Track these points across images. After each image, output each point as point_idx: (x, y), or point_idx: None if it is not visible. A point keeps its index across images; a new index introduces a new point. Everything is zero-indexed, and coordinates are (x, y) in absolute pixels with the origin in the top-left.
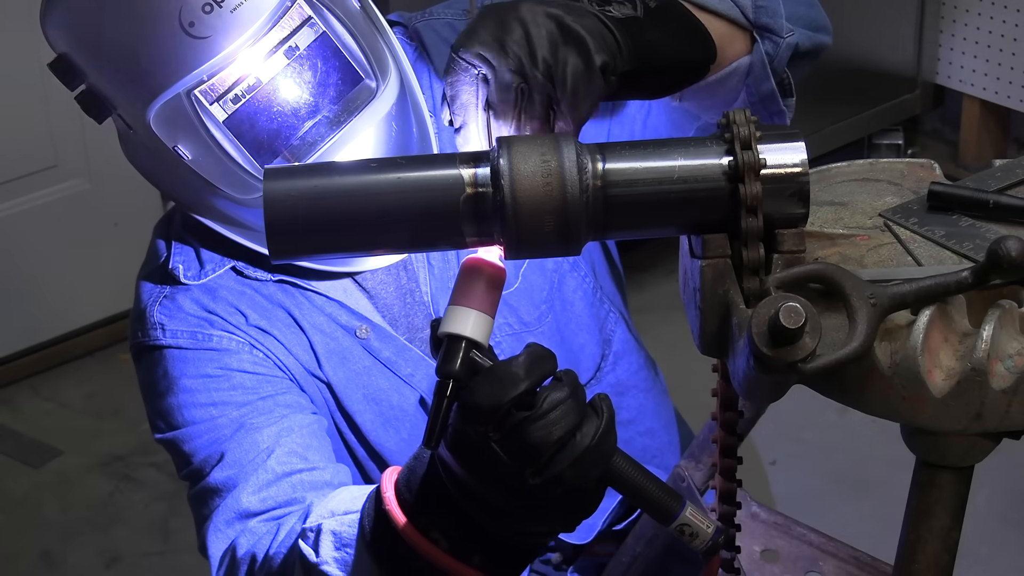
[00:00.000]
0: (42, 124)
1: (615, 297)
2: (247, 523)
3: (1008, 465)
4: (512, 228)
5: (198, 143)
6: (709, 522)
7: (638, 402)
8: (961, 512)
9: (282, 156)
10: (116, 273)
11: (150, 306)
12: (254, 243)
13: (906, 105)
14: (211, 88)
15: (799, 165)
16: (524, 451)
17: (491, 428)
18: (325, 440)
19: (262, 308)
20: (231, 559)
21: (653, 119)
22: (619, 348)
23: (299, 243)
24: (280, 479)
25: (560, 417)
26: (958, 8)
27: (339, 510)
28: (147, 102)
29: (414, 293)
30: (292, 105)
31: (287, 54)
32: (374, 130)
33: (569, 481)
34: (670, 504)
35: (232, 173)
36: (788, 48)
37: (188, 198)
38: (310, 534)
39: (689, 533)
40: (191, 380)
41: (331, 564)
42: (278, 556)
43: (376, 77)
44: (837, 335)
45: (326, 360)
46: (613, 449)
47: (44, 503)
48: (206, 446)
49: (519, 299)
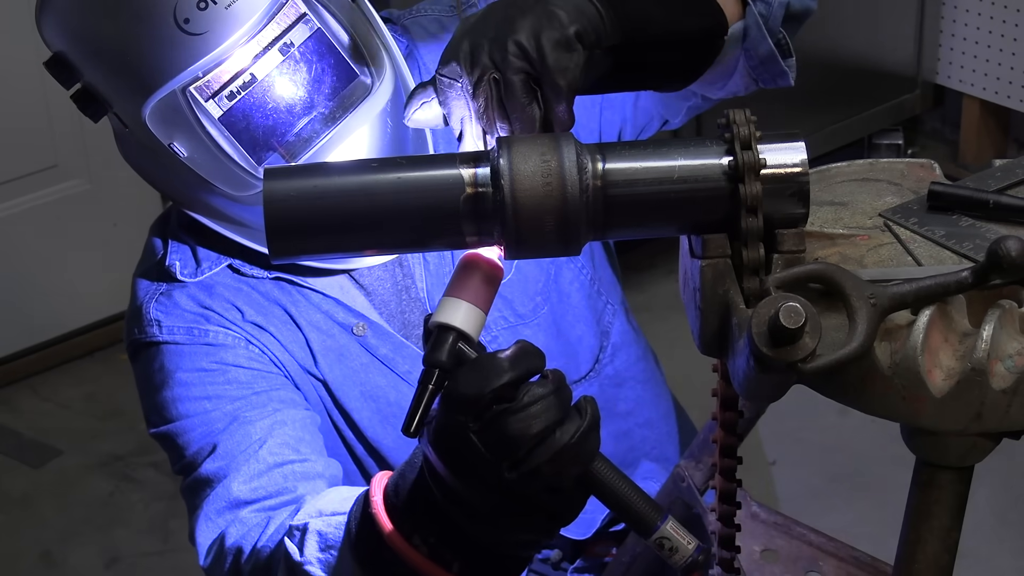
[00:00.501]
0: (42, 124)
1: (614, 287)
2: (237, 512)
3: (1008, 465)
4: (512, 228)
5: (193, 140)
6: (690, 539)
7: (636, 393)
8: (961, 512)
9: (277, 153)
10: (116, 273)
11: (146, 303)
12: (250, 241)
13: (906, 105)
14: (206, 85)
15: (799, 165)
16: (502, 443)
17: (471, 418)
18: (317, 435)
19: (258, 305)
20: (219, 548)
21: (645, 100)
22: (617, 340)
23: (299, 243)
24: (271, 469)
25: (540, 411)
26: (958, 8)
27: (327, 510)
28: (142, 99)
29: (410, 290)
30: (287, 102)
31: (282, 51)
32: (369, 126)
33: (546, 477)
34: (650, 516)
35: (228, 170)
36: (780, 7)
37: (184, 196)
38: (296, 532)
39: (668, 548)
40: (186, 374)
41: (314, 564)
42: (265, 550)
43: (371, 74)
44: (837, 335)
45: (322, 357)
46: (594, 450)
47: (44, 503)
48: (199, 439)
49: (513, 291)
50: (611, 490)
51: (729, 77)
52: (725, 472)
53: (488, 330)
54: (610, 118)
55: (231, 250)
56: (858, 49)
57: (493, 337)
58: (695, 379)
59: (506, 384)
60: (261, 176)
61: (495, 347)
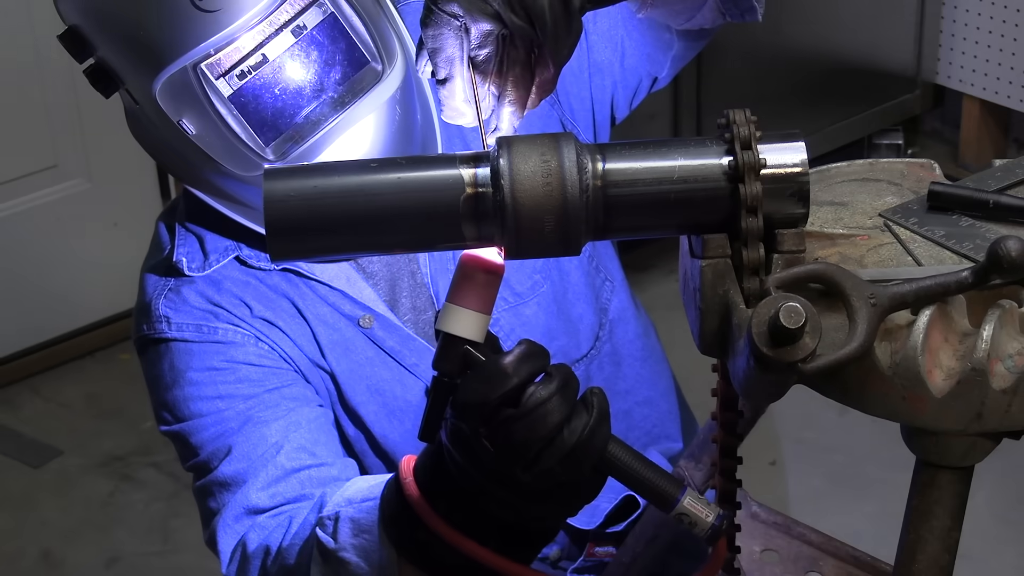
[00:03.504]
0: (42, 124)
1: (612, 262)
2: (256, 519)
3: (1008, 465)
4: (512, 228)
5: (203, 118)
6: (710, 509)
7: (635, 371)
8: (961, 512)
9: (285, 134)
10: (116, 273)
11: (155, 299)
12: (255, 223)
13: (906, 105)
14: (217, 63)
15: (799, 165)
16: (511, 448)
17: (480, 424)
18: (332, 434)
19: (267, 299)
20: (242, 553)
21: (630, 60)
22: (615, 316)
23: (299, 243)
24: (289, 475)
25: (545, 414)
26: (958, 8)
27: (356, 498)
28: (154, 74)
29: (415, 275)
30: (297, 84)
31: (294, 33)
32: (377, 113)
33: (560, 476)
34: (669, 491)
35: (235, 149)
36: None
37: (191, 175)
38: (328, 522)
39: (688, 522)
40: (197, 373)
41: (349, 551)
42: (293, 548)
43: (382, 60)
44: (837, 335)
45: (329, 351)
46: (604, 443)
47: (44, 503)
48: (213, 439)
49: (509, 269)
50: (627, 471)
51: (698, 9)
52: (725, 472)
53: None
54: (600, 83)
55: (239, 235)
56: (858, 49)
57: (495, 319)
58: (695, 379)
59: (510, 390)
60: (268, 157)
61: (497, 328)
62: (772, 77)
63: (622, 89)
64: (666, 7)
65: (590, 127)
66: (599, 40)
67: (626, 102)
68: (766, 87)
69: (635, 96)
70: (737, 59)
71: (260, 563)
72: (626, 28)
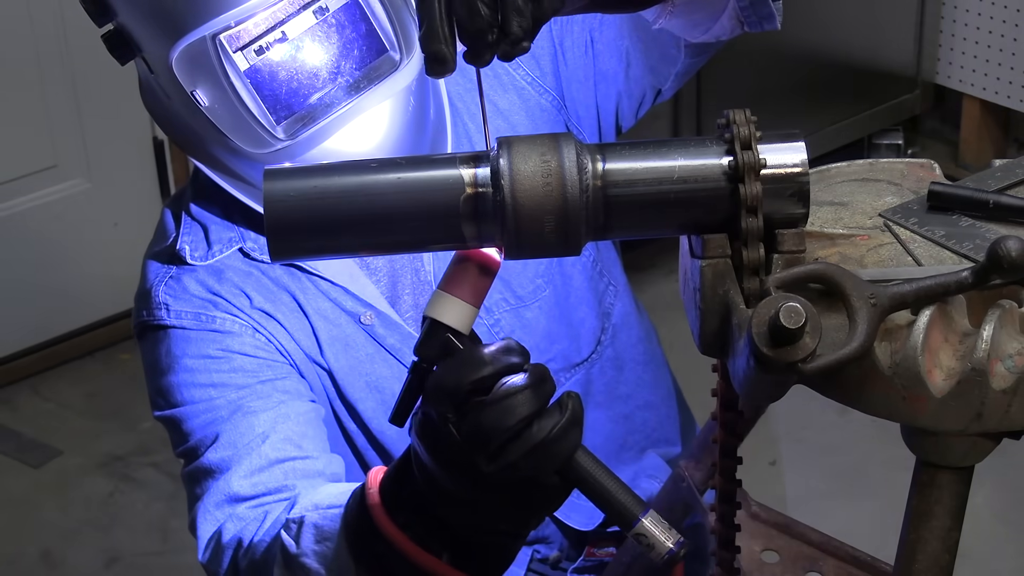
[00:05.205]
0: (42, 124)
1: (614, 267)
2: (235, 508)
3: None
4: (512, 228)
5: (216, 90)
6: (671, 535)
7: (636, 376)
8: (961, 512)
9: (296, 115)
10: (116, 273)
11: (156, 286)
12: (259, 203)
13: (906, 105)
14: (236, 36)
15: (799, 165)
16: (477, 435)
17: (450, 409)
18: (321, 429)
19: (267, 291)
20: (216, 543)
21: (635, 70)
22: (618, 321)
23: (299, 243)
24: (272, 465)
25: (515, 405)
26: (958, 8)
27: (323, 504)
28: (172, 42)
29: (419, 273)
30: (314, 65)
31: (316, 13)
32: (391, 102)
33: (523, 471)
34: (631, 508)
35: (245, 124)
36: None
37: (199, 149)
38: (292, 525)
39: (646, 543)
40: (192, 360)
41: (310, 556)
42: (262, 544)
43: (401, 50)
44: (837, 335)
45: (328, 347)
46: (573, 447)
47: (44, 503)
48: (203, 426)
49: (511, 272)
50: (592, 484)
51: (716, 20)
52: (725, 472)
53: (490, 313)
54: (606, 91)
55: (244, 220)
56: (858, 49)
57: (495, 320)
58: (695, 379)
59: (484, 377)
60: (278, 135)
61: (498, 330)
62: (772, 77)
63: (627, 99)
64: (685, 18)
65: (595, 134)
66: (605, 49)
67: (631, 112)
68: (766, 87)
69: (640, 107)
70: (737, 59)
71: (232, 555)
72: (631, 39)
